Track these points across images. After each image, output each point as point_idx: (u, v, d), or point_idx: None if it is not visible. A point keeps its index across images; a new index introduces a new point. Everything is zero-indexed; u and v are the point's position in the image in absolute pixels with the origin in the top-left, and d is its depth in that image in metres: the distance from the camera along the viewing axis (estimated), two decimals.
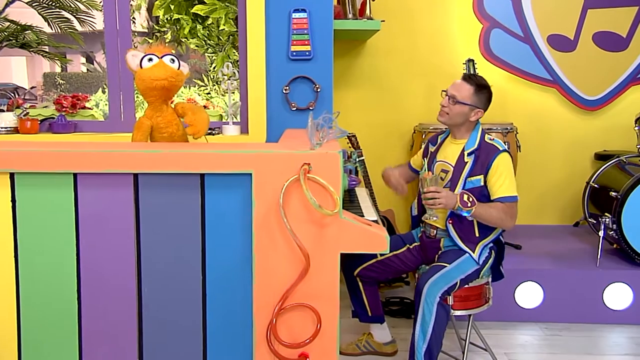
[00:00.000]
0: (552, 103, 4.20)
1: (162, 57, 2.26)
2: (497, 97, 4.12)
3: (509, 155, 2.50)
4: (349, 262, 2.65)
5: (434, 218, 2.45)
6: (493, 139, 2.54)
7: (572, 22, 4.12)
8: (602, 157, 4.04)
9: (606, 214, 3.29)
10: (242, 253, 1.81)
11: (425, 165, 2.66)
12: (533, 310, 3.21)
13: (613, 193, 3.28)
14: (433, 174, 2.50)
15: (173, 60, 2.26)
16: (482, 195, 2.47)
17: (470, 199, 2.38)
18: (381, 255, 2.59)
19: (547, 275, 3.20)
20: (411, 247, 2.67)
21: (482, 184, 2.47)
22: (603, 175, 3.64)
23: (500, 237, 2.60)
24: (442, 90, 2.61)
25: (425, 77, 4.15)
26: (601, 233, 3.26)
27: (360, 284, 2.67)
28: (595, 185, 3.60)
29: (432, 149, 2.69)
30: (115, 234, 1.79)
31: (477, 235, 2.49)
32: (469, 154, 2.50)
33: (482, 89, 2.56)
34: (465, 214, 2.39)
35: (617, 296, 3.19)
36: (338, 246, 1.79)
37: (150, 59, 2.25)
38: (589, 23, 4.10)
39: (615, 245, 3.44)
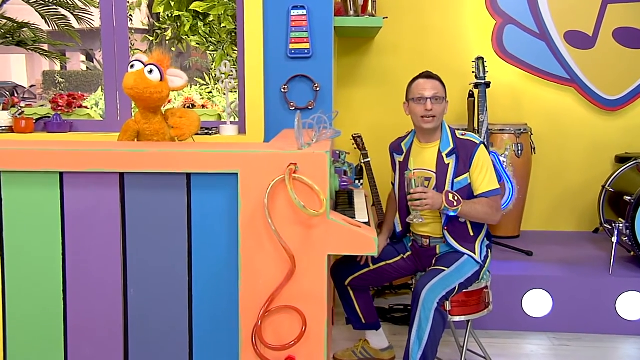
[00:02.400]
0: (569, 103, 4.25)
1: (146, 66, 2.34)
2: (511, 96, 4.24)
3: (485, 147, 2.62)
4: (340, 271, 2.75)
5: (420, 220, 2.52)
6: (465, 134, 2.64)
7: (591, 17, 4.16)
8: (623, 160, 4.07)
9: (620, 219, 3.35)
10: (228, 254, 1.92)
11: (411, 167, 2.71)
12: (541, 320, 3.27)
13: (627, 197, 3.34)
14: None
15: (151, 71, 2.32)
16: (472, 193, 2.58)
17: (456, 198, 2.48)
18: (374, 264, 2.70)
19: (557, 282, 3.26)
20: (405, 256, 2.77)
21: (469, 181, 2.56)
22: (620, 179, 3.69)
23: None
24: (411, 99, 2.66)
25: None
26: (614, 239, 3.31)
27: (351, 292, 2.76)
28: (611, 190, 3.66)
29: (399, 159, 2.77)
30: (101, 233, 1.91)
31: (471, 234, 2.60)
32: (447, 155, 2.59)
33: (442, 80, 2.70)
34: (452, 214, 2.48)
35: (631, 306, 3.23)
36: (325, 247, 1.89)
37: (132, 65, 2.34)
38: (609, 18, 4.15)
39: (632, 253, 3.49)
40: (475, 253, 2.58)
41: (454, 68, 4.14)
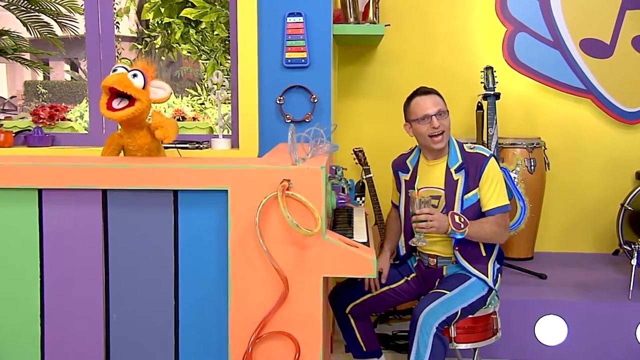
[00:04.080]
0: (585, 115, 4.27)
1: (130, 71, 2.36)
2: (523, 108, 4.27)
3: (496, 160, 2.64)
4: (339, 298, 2.76)
5: (423, 243, 2.51)
6: (474, 147, 2.67)
7: (608, 24, 4.19)
8: None
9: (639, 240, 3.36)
10: (217, 276, 1.93)
11: (417, 186, 2.70)
12: (555, 348, 3.27)
13: None
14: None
15: (135, 75, 2.34)
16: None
17: (462, 219, 2.49)
18: (376, 289, 2.71)
19: (572, 308, 3.27)
20: (409, 278, 2.78)
21: (479, 197, 2.58)
22: None
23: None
24: (414, 120, 2.68)
25: (442, 86, 4.17)
26: (634, 261, 3.32)
27: (352, 320, 2.77)
28: (631, 208, 3.67)
29: (405, 177, 2.79)
30: (82, 254, 1.93)
31: (484, 254, 2.62)
32: (456, 171, 2.61)
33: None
34: (459, 237, 2.49)
35: None
36: (320, 269, 1.90)
37: (114, 70, 2.37)
38: (627, 25, 4.18)
39: None
40: (487, 275, 2.59)
41: (461, 78, 4.18)
